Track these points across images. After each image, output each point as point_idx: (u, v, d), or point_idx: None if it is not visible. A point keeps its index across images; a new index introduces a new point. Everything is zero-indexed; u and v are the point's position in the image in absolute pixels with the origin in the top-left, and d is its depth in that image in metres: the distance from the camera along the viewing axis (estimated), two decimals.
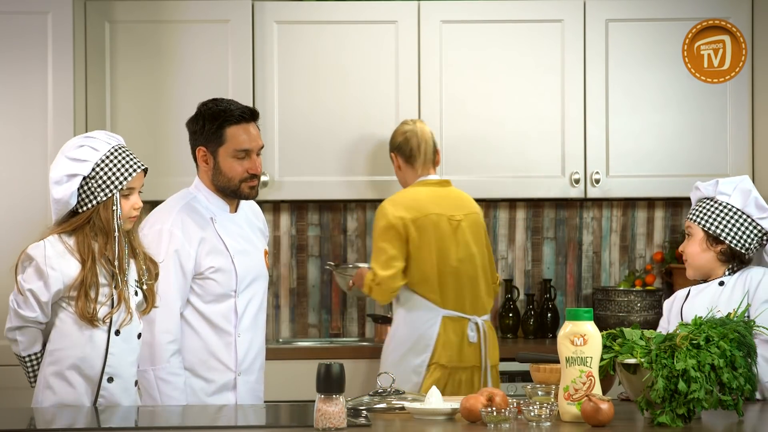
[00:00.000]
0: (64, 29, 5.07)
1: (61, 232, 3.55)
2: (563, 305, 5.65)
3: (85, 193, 3.53)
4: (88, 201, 3.53)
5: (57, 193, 3.54)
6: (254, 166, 4.03)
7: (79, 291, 3.50)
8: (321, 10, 5.36)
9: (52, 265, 3.50)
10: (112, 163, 3.54)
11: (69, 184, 3.52)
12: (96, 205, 3.53)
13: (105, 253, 3.54)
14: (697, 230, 3.80)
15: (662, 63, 5.26)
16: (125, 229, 3.59)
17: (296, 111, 5.33)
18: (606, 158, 5.34)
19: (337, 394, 3.00)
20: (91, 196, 3.53)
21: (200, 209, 4.05)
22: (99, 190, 3.52)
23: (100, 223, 3.53)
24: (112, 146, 3.58)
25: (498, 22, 5.35)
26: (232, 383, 4.02)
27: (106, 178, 3.53)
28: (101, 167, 3.53)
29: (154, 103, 5.28)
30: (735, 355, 3.16)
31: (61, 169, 3.53)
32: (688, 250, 3.83)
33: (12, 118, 5.06)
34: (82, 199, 3.54)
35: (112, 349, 3.53)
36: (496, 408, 3.12)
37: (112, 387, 3.54)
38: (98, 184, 3.53)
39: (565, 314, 3.23)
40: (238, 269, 4.02)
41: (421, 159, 4.93)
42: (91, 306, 3.49)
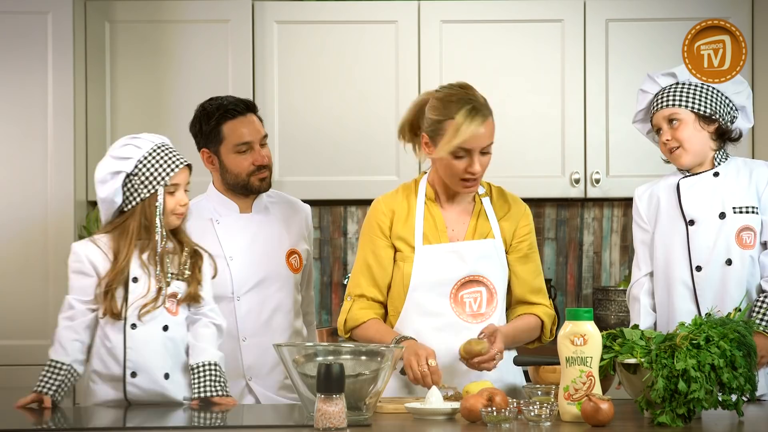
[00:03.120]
0: (64, 29, 5.07)
1: (104, 232, 3.61)
2: (563, 305, 5.65)
3: (129, 191, 3.57)
4: (132, 199, 3.57)
5: (102, 191, 3.59)
6: (259, 158, 4.02)
7: (106, 290, 3.54)
8: (321, 10, 5.36)
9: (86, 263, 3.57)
10: (155, 160, 3.58)
11: (113, 181, 3.57)
12: (140, 202, 3.55)
13: (147, 249, 3.56)
14: (686, 114, 3.80)
15: (662, 63, 5.23)
16: (172, 226, 3.63)
17: (296, 111, 5.33)
18: (606, 158, 5.35)
19: (337, 394, 3.00)
20: (135, 193, 3.57)
21: (203, 212, 4.05)
22: (142, 187, 3.56)
23: (145, 221, 3.57)
24: (156, 144, 3.62)
25: (498, 22, 5.35)
26: (246, 389, 4.00)
27: (149, 174, 3.56)
28: (144, 164, 3.57)
29: (154, 103, 5.28)
30: (735, 355, 3.16)
31: (106, 167, 3.59)
32: (681, 135, 3.81)
33: (12, 118, 5.06)
34: (127, 197, 3.57)
35: (130, 343, 3.55)
36: (496, 408, 3.12)
37: (137, 381, 3.56)
38: (141, 180, 3.57)
39: (565, 314, 3.23)
40: (234, 272, 4.01)
41: None
42: (117, 304, 3.52)
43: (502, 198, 3.82)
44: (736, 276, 3.76)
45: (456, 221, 3.77)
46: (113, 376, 3.57)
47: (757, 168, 3.84)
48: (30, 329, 5.04)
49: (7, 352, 5.05)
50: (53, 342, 3.58)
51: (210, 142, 4.05)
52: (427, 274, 3.69)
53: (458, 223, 3.77)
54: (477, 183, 3.71)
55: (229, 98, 4.08)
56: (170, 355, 3.59)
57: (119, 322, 3.56)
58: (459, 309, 3.70)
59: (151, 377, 3.56)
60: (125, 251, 3.57)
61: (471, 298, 3.71)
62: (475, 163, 3.64)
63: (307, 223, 4.23)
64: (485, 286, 3.71)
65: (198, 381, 3.58)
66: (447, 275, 3.70)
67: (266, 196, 4.16)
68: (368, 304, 3.75)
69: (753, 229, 3.77)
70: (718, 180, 3.81)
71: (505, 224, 3.78)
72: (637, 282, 3.90)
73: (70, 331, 3.57)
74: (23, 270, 5.06)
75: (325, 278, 5.63)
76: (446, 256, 3.71)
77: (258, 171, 4.03)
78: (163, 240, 3.59)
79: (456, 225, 3.77)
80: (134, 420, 3.36)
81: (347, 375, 3.07)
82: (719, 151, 3.84)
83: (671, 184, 3.87)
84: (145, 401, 3.57)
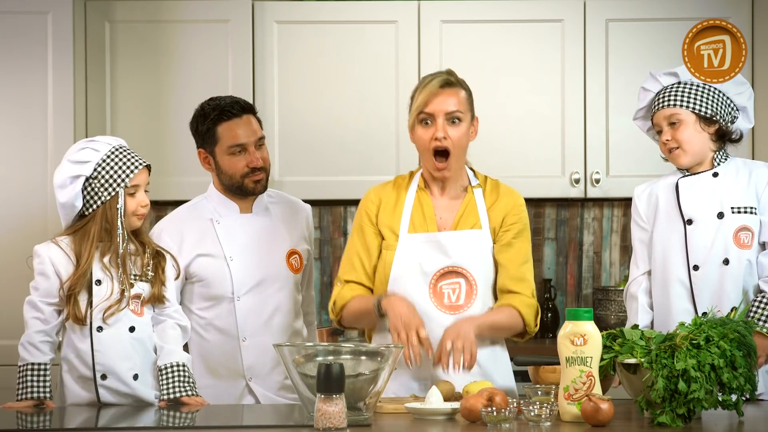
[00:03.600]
0: (64, 29, 5.07)
1: (65, 235, 3.60)
2: (563, 305, 5.65)
3: (89, 194, 3.56)
4: (93, 202, 3.56)
5: (62, 196, 3.59)
6: (253, 160, 4.02)
7: (69, 294, 3.55)
8: (321, 10, 5.36)
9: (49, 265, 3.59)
10: (114, 162, 3.57)
11: (72, 186, 3.56)
12: (101, 205, 3.55)
13: (108, 252, 3.56)
14: (688, 115, 3.80)
15: (662, 63, 5.23)
16: (133, 227, 3.63)
17: (296, 111, 5.33)
18: (606, 158, 5.35)
19: (337, 394, 3.00)
20: (96, 196, 3.56)
21: (203, 212, 4.06)
22: (102, 189, 3.55)
23: (106, 224, 3.56)
24: (113, 146, 3.61)
25: (498, 22, 5.35)
26: (246, 389, 4.00)
27: (108, 177, 3.56)
28: (103, 167, 3.57)
29: (154, 103, 5.28)
30: (735, 355, 3.16)
31: (64, 172, 3.59)
32: (681, 136, 3.81)
33: (12, 118, 5.06)
34: (87, 201, 3.56)
35: (97, 346, 3.56)
36: (496, 408, 3.12)
37: (108, 383, 3.56)
38: (101, 183, 3.56)
39: (565, 314, 3.23)
40: (234, 272, 4.01)
41: None
42: (80, 308, 3.52)
43: (494, 189, 3.82)
44: (733, 276, 3.76)
45: (445, 209, 3.77)
46: (84, 378, 3.58)
47: (756, 169, 3.83)
48: None
49: (7, 352, 5.04)
50: (25, 345, 3.59)
51: (206, 143, 4.05)
52: (408, 264, 3.69)
53: (447, 211, 3.77)
54: (450, 161, 3.70)
55: (227, 99, 4.07)
56: (138, 356, 3.61)
57: (86, 327, 3.56)
58: (437, 300, 3.69)
59: (120, 379, 3.57)
60: (87, 254, 3.57)
61: (449, 289, 3.71)
62: (438, 129, 3.67)
63: (308, 223, 4.23)
64: (465, 277, 3.71)
65: (167, 382, 3.60)
66: (427, 265, 3.70)
67: (267, 196, 4.15)
68: (357, 287, 3.76)
69: (751, 229, 3.77)
70: (717, 180, 3.81)
71: (493, 214, 3.77)
72: (635, 280, 3.90)
73: (42, 334, 3.60)
74: (23, 270, 5.05)
75: (325, 278, 5.63)
76: (427, 245, 3.70)
77: (252, 173, 4.02)
78: (124, 242, 3.58)
79: (445, 213, 3.77)
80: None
81: (347, 375, 3.07)
82: (719, 151, 3.84)
83: (670, 184, 3.87)
84: (117, 402, 3.58)
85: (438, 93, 3.68)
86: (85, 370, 3.57)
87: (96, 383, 3.56)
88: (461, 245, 3.71)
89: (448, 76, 3.72)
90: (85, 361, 3.57)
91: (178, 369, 3.62)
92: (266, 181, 4.08)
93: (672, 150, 3.82)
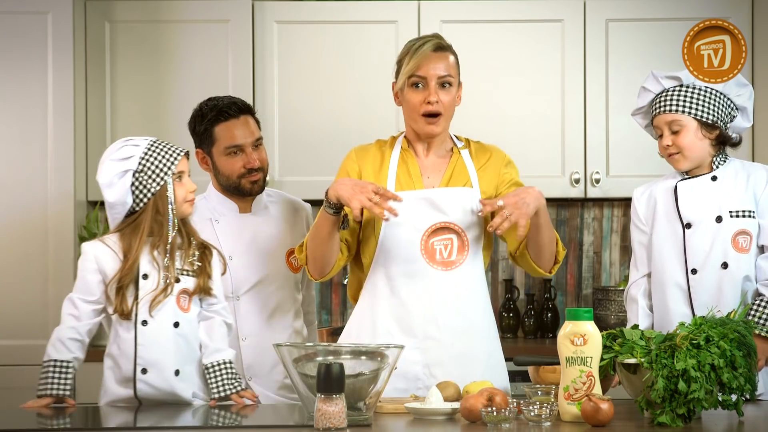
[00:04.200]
0: (64, 29, 5.07)
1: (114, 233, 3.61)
2: (563, 305, 5.65)
3: (137, 189, 3.57)
4: (143, 196, 3.57)
5: (111, 196, 3.58)
6: (250, 161, 4.02)
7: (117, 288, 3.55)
8: (321, 10, 5.36)
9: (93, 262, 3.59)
10: (156, 152, 3.60)
11: (121, 182, 3.57)
12: (151, 197, 3.55)
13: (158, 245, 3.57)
14: (690, 121, 3.79)
15: (662, 63, 5.25)
16: (186, 214, 3.65)
17: (296, 111, 5.33)
18: (606, 158, 5.35)
19: (337, 394, 3.00)
20: (144, 189, 3.57)
21: (203, 212, 4.06)
22: (150, 181, 3.57)
23: (157, 215, 3.59)
24: (150, 140, 3.63)
25: (498, 22, 5.35)
26: None
27: (154, 168, 3.58)
28: (146, 158, 3.58)
29: (154, 103, 5.28)
30: (735, 355, 3.16)
31: (109, 171, 3.59)
32: (682, 142, 3.79)
33: (12, 118, 5.06)
34: (137, 195, 3.57)
35: (141, 339, 3.55)
36: (496, 408, 3.12)
37: (147, 378, 3.56)
38: (148, 175, 3.58)
39: (565, 314, 3.23)
40: (234, 272, 4.01)
41: None
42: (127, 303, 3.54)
43: (481, 150, 3.83)
44: (731, 280, 3.75)
45: (432, 169, 3.78)
46: (124, 373, 3.58)
47: (754, 172, 3.83)
48: (30, 329, 5.04)
49: (7, 352, 5.05)
50: (53, 341, 3.58)
51: (203, 143, 4.06)
52: (397, 221, 3.65)
53: (434, 170, 3.78)
54: (439, 119, 3.72)
55: (225, 99, 4.07)
56: (181, 352, 3.60)
57: (130, 321, 3.56)
58: (428, 256, 3.69)
59: (161, 374, 3.57)
60: (136, 247, 3.57)
61: (441, 245, 3.71)
62: (431, 93, 3.68)
63: (308, 223, 4.23)
64: (456, 233, 3.70)
65: (215, 380, 3.61)
66: (419, 222, 3.69)
67: (266, 196, 4.16)
68: None
69: (749, 233, 3.77)
70: (715, 184, 3.81)
71: (484, 173, 3.77)
72: (635, 283, 3.90)
73: (72, 331, 3.59)
74: (23, 270, 5.06)
75: None
76: (418, 202, 3.70)
77: (249, 174, 4.02)
78: (174, 229, 3.59)
79: (432, 173, 3.77)
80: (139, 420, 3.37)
81: (347, 375, 3.07)
82: (718, 155, 3.84)
83: (669, 187, 3.87)
84: (154, 399, 3.57)
85: (430, 57, 3.70)
86: (126, 365, 3.57)
87: (135, 378, 3.56)
88: (454, 202, 3.71)
89: (439, 41, 3.74)
90: (127, 355, 3.57)
91: (226, 367, 3.63)
92: (264, 181, 4.08)
93: (672, 155, 3.82)
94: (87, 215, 5.22)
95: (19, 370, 5.05)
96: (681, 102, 3.80)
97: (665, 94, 3.83)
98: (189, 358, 3.62)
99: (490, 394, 3.20)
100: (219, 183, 4.08)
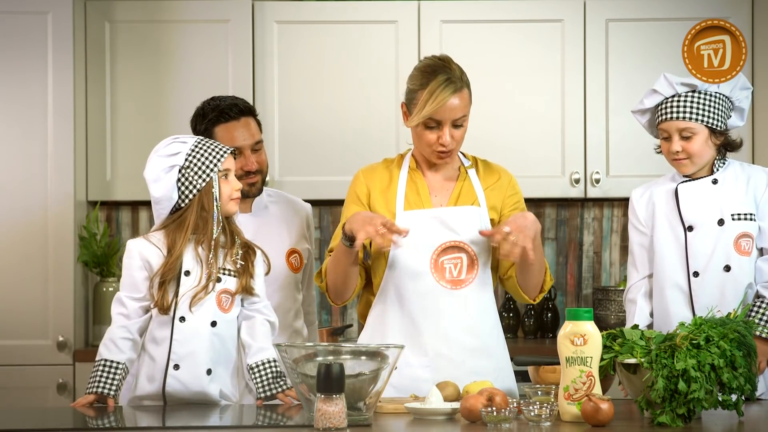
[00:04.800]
0: (64, 29, 5.08)
1: (159, 229, 3.59)
2: (563, 305, 5.65)
3: (184, 185, 3.55)
4: (189, 192, 3.55)
5: (157, 191, 3.56)
6: (248, 163, 4.01)
7: (161, 282, 3.54)
8: (321, 10, 5.36)
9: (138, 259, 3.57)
10: (203, 149, 3.58)
11: (167, 177, 3.55)
12: (197, 193, 3.55)
13: (202, 241, 3.56)
14: (701, 128, 3.75)
15: (662, 63, 5.26)
16: (230, 213, 3.63)
17: (296, 111, 5.33)
18: (606, 158, 5.35)
19: (337, 394, 3.00)
20: (191, 185, 3.55)
21: None
22: (197, 177, 3.55)
23: (203, 212, 3.57)
24: (197, 138, 3.62)
25: (498, 22, 5.35)
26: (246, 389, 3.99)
27: (201, 164, 3.56)
28: (193, 155, 3.57)
29: (154, 103, 5.29)
30: (735, 355, 3.15)
31: (156, 166, 3.57)
32: (693, 149, 3.75)
33: (12, 118, 5.06)
34: (182, 191, 3.56)
35: (177, 335, 3.55)
36: (496, 408, 3.12)
37: (178, 375, 3.55)
38: (194, 171, 3.56)
39: (565, 314, 3.23)
40: None
41: None
42: (168, 298, 3.53)
43: (488, 169, 3.84)
44: (733, 282, 3.75)
45: (440, 188, 3.79)
46: (155, 368, 3.56)
47: (754, 175, 3.82)
48: (30, 329, 5.04)
49: (7, 352, 5.05)
50: (105, 341, 3.55)
51: None
52: (408, 238, 3.66)
53: (442, 189, 3.78)
54: (450, 154, 3.72)
55: (227, 100, 4.06)
56: (215, 351, 3.58)
57: (168, 316, 3.55)
58: (438, 274, 3.70)
59: (193, 371, 3.55)
60: (180, 243, 3.55)
61: (451, 264, 3.72)
62: (445, 135, 3.67)
63: (308, 222, 4.23)
64: (466, 252, 3.71)
65: (261, 380, 3.60)
66: (428, 240, 3.70)
67: (266, 196, 4.16)
68: None
69: (751, 235, 3.76)
70: (716, 187, 3.80)
71: (492, 194, 3.79)
72: (635, 285, 3.90)
73: (123, 330, 3.56)
74: (23, 270, 5.06)
75: None
76: (428, 221, 3.71)
77: (246, 176, 4.02)
78: (219, 225, 3.58)
79: (440, 192, 3.78)
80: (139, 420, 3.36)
81: (347, 375, 3.07)
82: (718, 158, 3.83)
83: (669, 189, 3.86)
84: (181, 398, 3.55)
85: (448, 102, 3.66)
86: (159, 358, 3.55)
87: (166, 373, 3.55)
88: (463, 220, 3.72)
89: (455, 80, 3.69)
90: (161, 349, 3.56)
91: (270, 366, 3.61)
92: (262, 183, 4.08)
93: (679, 160, 3.81)
94: (87, 215, 5.22)
95: (19, 370, 5.05)
96: (695, 109, 3.76)
97: (677, 99, 3.79)
98: (222, 359, 3.60)
99: (490, 394, 3.20)
100: None
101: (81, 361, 5.03)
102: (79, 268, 5.15)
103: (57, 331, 5.04)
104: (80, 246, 5.14)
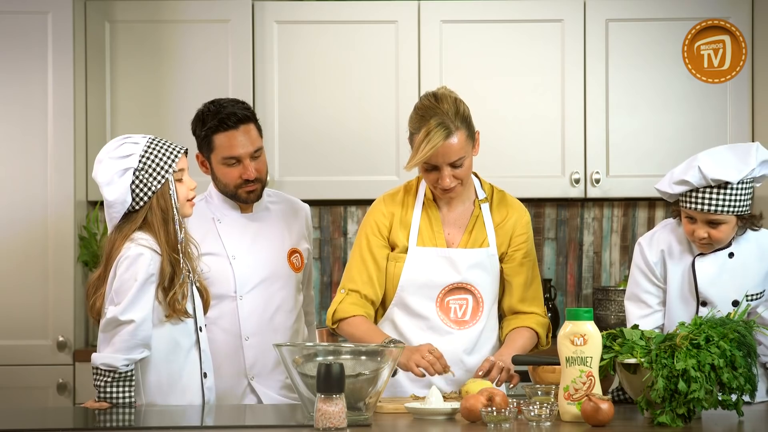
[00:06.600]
0: (64, 29, 5.07)
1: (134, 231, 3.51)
2: (563, 305, 5.65)
3: (138, 187, 3.50)
4: (144, 195, 3.51)
5: (111, 194, 3.49)
6: (247, 172, 4.00)
7: (167, 284, 3.50)
8: (321, 10, 5.36)
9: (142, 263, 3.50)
10: (156, 150, 3.52)
11: (121, 180, 3.48)
12: (152, 196, 3.51)
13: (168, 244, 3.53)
14: (731, 218, 3.61)
15: (662, 63, 5.26)
16: (187, 215, 3.59)
17: (296, 111, 5.33)
18: (606, 158, 5.35)
19: (337, 394, 3.01)
20: (145, 188, 3.50)
21: (206, 211, 4.06)
22: (151, 179, 3.49)
23: (160, 214, 3.51)
24: (148, 138, 3.56)
25: (498, 22, 5.35)
26: (248, 388, 4.00)
27: (155, 165, 3.51)
28: (147, 156, 3.51)
29: (154, 103, 5.28)
30: (735, 355, 3.16)
31: (109, 169, 3.50)
32: (720, 236, 3.62)
33: (12, 118, 5.06)
34: (137, 194, 3.51)
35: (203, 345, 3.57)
36: (496, 408, 3.12)
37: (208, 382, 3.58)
38: (149, 173, 3.50)
39: (565, 314, 3.23)
40: (237, 271, 4.01)
41: None
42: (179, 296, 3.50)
43: (502, 204, 3.84)
44: None
45: (453, 224, 3.80)
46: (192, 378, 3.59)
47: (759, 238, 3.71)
48: (30, 329, 5.04)
49: (7, 352, 5.04)
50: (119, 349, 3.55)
51: (203, 149, 4.05)
52: (417, 276, 3.74)
53: (455, 227, 3.80)
54: (455, 190, 3.72)
55: (227, 107, 4.01)
56: None
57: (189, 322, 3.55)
58: (443, 314, 3.75)
59: None
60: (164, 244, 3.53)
61: (456, 305, 3.76)
62: (444, 178, 3.67)
63: (308, 223, 4.24)
64: (472, 294, 3.76)
65: None
66: (436, 279, 3.75)
67: (266, 196, 4.16)
68: (360, 300, 3.78)
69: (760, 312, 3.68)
70: (732, 261, 3.70)
71: (501, 232, 3.81)
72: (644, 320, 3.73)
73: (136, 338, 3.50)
74: (23, 270, 5.06)
75: (325, 278, 5.63)
76: (437, 260, 3.75)
77: (245, 184, 4.02)
78: (181, 229, 3.55)
79: (453, 229, 3.80)
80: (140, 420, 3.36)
81: (347, 375, 3.07)
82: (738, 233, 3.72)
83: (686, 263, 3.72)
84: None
85: (441, 148, 3.63)
86: None
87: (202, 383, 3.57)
88: (471, 263, 3.76)
89: (448, 124, 3.64)
90: None
91: None
92: (261, 190, 4.07)
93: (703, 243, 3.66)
94: (87, 215, 5.22)
95: (19, 370, 5.04)
96: (727, 203, 3.59)
97: (709, 191, 3.59)
98: None
99: (490, 394, 3.20)
100: (217, 188, 4.08)
101: (81, 361, 5.02)
102: (79, 268, 5.14)
103: (57, 331, 5.04)
104: (80, 246, 5.14)
